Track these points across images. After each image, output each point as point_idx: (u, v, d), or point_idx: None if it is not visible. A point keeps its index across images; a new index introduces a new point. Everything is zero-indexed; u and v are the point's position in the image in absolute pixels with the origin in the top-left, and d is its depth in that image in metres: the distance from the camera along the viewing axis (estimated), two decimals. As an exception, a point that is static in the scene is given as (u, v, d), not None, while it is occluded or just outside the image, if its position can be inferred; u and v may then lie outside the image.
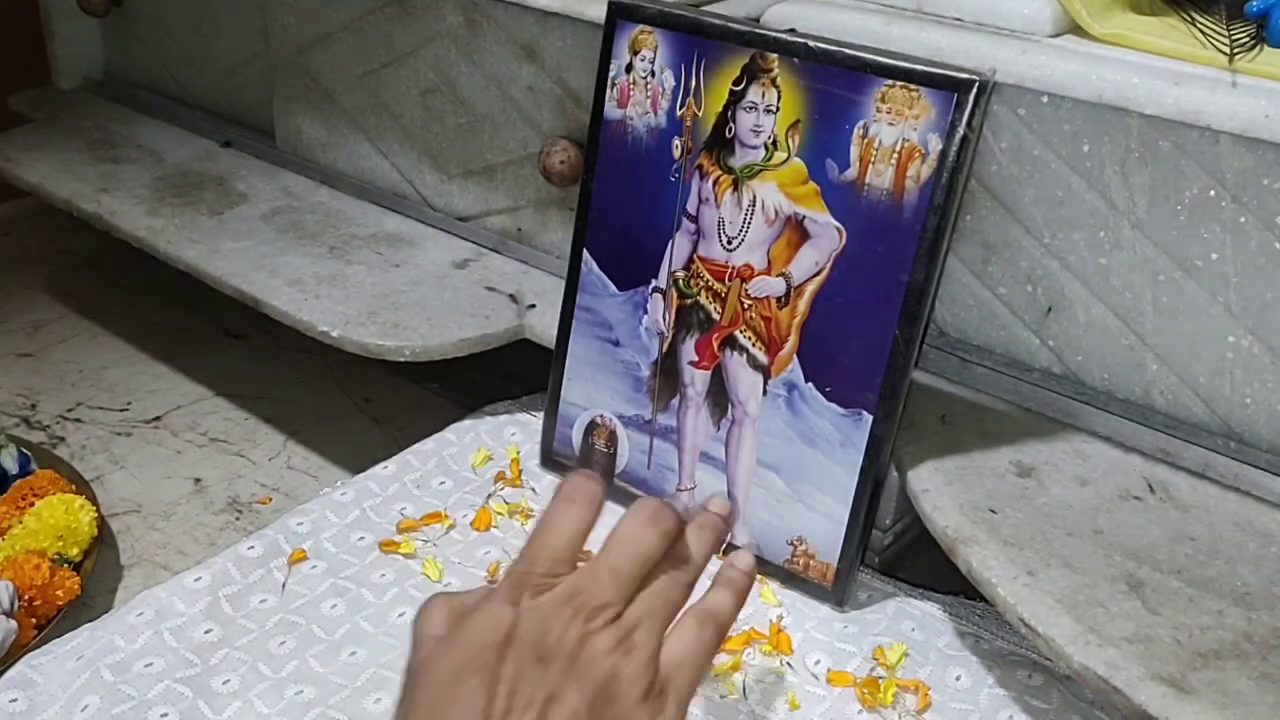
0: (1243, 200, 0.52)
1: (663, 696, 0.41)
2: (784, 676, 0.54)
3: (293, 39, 0.86)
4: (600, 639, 0.41)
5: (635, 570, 0.43)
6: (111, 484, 0.74)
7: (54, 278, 0.99)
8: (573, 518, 0.45)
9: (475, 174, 0.79)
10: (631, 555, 0.44)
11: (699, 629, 0.44)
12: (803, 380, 0.57)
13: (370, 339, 0.69)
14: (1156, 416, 0.58)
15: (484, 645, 0.40)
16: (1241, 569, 0.51)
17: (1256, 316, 0.54)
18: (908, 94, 0.52)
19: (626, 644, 0.41)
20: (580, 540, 0.45)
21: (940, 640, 0.56)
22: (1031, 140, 0.56)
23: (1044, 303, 0.60)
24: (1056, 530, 0.53)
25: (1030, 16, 0.56)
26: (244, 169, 0.92)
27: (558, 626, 0.41)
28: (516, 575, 0.43)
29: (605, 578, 0.43)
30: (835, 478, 0.56)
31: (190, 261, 0.78)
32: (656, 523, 0.44)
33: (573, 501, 0.45)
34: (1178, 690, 0.45)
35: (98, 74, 1.08)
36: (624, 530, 0.44)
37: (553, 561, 0.43)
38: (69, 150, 0.94)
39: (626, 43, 0.59)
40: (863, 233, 0.53)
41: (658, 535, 0.44)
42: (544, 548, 0.44)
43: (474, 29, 0.74)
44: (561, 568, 0.43)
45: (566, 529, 0.44)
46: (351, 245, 0.80)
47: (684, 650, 0.43)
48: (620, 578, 0.43)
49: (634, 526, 0.45)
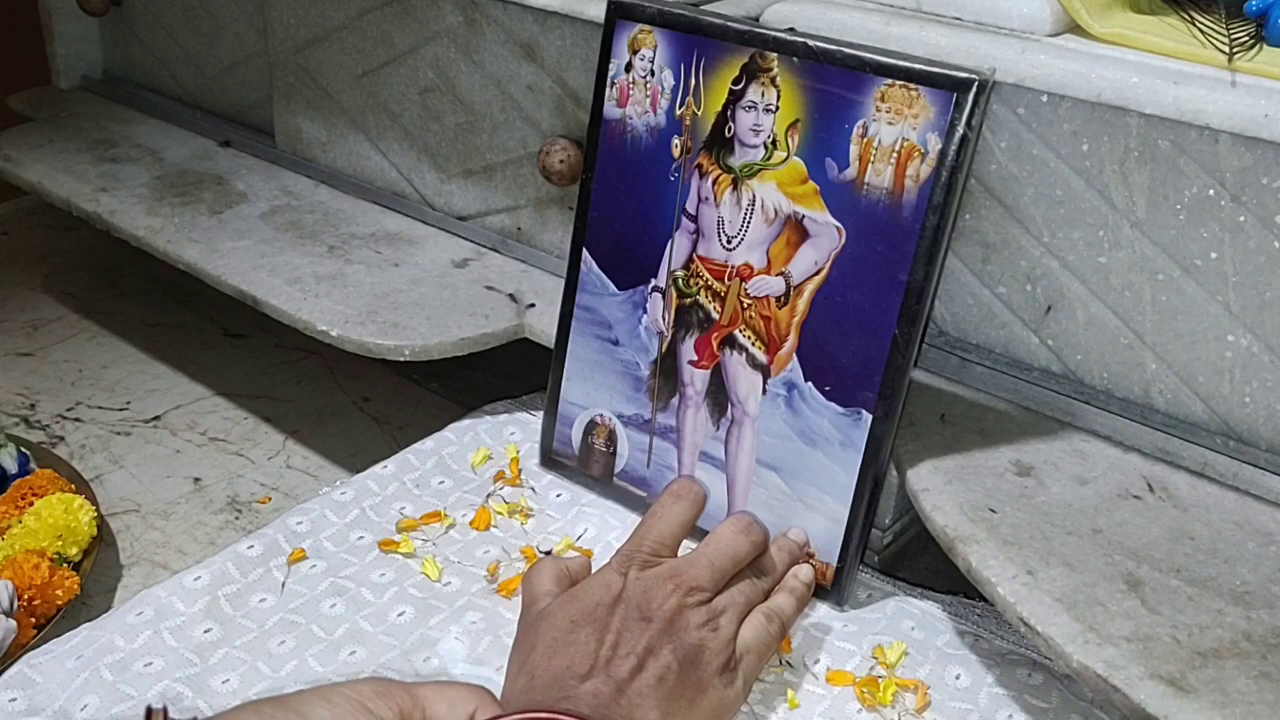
0: (1242, 199, 0.52)
1: (734, 671, 0.49)
2: (783, 676, 0.54)
3: (292, 38, 0.86)
4: (693, 614, 0.49)
5: (727, 567, 0.52)
6: (111, 483, 0.74)
7: (53, 277, 0.99)
8: (678, 511, 0.54)
9: (475, 173, 0.79)
10: (726, 554, 0.52)
11: (767, 623, 0.52)
12: (802, 379, 0.57)
13: (370, 338, 0.69)
14: (1156, 415, 0.58)
15: (597, 603, 0.49)
16: (1241, 568, 0.51)
17: (1255, 316, 0.54)
18: (907, 93, 0.52)
19: (713, 624, 0.49)
20: (683, 531, 0.54)
21: (940, 639, 0.56)
22: (1031, 139, 0.56)
23: (1043, 302, 0.60)
24: (1056, 529, 0.53)
25: (1029, 16, 0.56)
26: (243, 168, 0.92)
27: (659, 595, 0.49)
28: (626, 552, 0.52)
29: (703, 566, 0.51)
30: (834, 477, 0.56)
31: (190, 261, 0.78)
32: (750, 533, 0.54)
33: (679, 498, 0.54)
34: (1177, 689, 0.45)
35: (97, 73, 1.08)
36: (722, 533, 0.54)
37: (657, 545, 0.52)
38: (68, 150, 0.94)
39: (626, 42, 0.59)
40: (862, 232, 0.53)
41: (749, 543, 0.53)
42: (651, 532, 0.53)
43: (473, 28, 0.74)
44: (665, 551, 0.52)
45: (672, 520, 0.53)
46: (351, 244, 0.80)
47: (755, 638, 0.51)
48: (715, 569, 0.51)
49: (731, 532, 0.54)
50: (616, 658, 0.47)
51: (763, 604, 0.53)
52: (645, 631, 0.47)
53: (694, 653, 0.48)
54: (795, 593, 0.54)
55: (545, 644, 0.48)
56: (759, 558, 0.54)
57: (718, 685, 0.48)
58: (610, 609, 0.49)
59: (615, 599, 0.49)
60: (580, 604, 0.49)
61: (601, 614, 0.48)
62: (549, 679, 0.46)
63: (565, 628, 0.48)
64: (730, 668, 0.49)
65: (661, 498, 0.55)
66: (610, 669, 0.46)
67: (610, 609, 0.49)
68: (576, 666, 0.46)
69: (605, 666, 0.46)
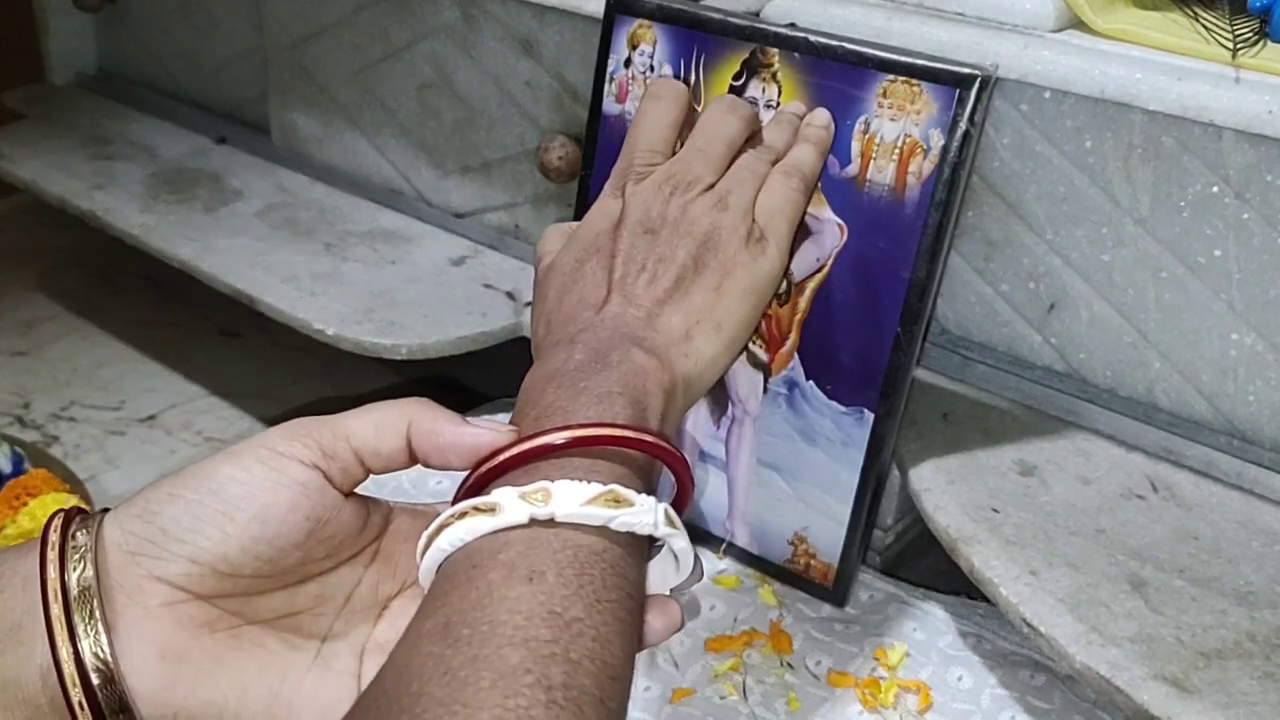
0: (1245, 196, 0.52)
1: (763, 240, 0.46)
2: (784, 677, 0.54)
3: (288, 34, 0.85)
4: (698, 204, 0.45)
5: (722, 150, 0.48)
6: (105, 483, 0.74)
7: (47, 275, 0.98)
8: (662, 111, 0.49)
9: (472, 170, 0.78)
10: (716, 137, 0.48)
11: (785, 179, 0.48)
12: (803, 378, 0.56)
13: (366, 337, 0.69)
14: (1159, 415, 0.58)
15: (598, 233, 0.46)
16: (1244, 568, 0.51)
17: (1260, 314, 0.53)
18: (909, 89, 0.51)
19: (721, 204, 0.46)
20: (671, 132, 0.49)
21: (942, 640, 0.56)
22: (1034, 136, 0.56)
23: (1046, 300, 0.59)
24: (1059, 529, 0.53)
25: (1033, 11, 0.56)
26: (239, 165, 0.91)
27: (658, 203, 0.45)
28: (618, 171, 0.48)
29: (695, 158, 0.47)
30: (836, 476, 0.56)
31: (184, 259, 0.77)
32: (736, 109, 0.49)
33: (659, 98, 0.50)
34: (1180, 690, 0.44)
35: (91, 70, 1.07)
36: (706, 117, 0.49)
37: (648, 152, 0.48)
38: (62, 147, 0.93)
39: (625, 37, 0.59)
40: (864, 229, 0.53)
41: (738, 119, 0.49)
42: (638, 142, 0.48)
43: (471, 23, 0.73)
44: (657, 158, 0.48)
45: (657, 122, 0.49)
46: (347, 242, 0.80)
47: (775, 200, 0.47)
48: (709, 157, 0.47)
49: (715, 113, 0.49)
50: (629, 276, 0.44)
51: (779, 163, 0.49)
52: (653, 243, 0.44)
53: (707, 238, 0.45)
54: (812, 139, 0.50)
55: (556, 288, 0.45)
56: (754, 137, 0.50)
57: (745, 260, 0.45)
58: (613, 234, 0.45)
59: (616, 223, 0.46)
60: (582, 240, 0.46)
61: (604, 242, 0.45)
62: (564, 317, 0.44)
63: (572, 267, 0.45)
64: (756, 238, 0.46)
65: (641, 103, 0.50)
66: (624, 288, 0.43)
67: (613, 234, 0.45)
68: (589, 297, 0.44)
69: (619, 287, 0.43)
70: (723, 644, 0.55)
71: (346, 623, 0.39)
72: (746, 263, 0.45)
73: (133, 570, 0.35)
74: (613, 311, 0.43)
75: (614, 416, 0.37)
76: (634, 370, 0.40)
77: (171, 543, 0.35)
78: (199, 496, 0.35)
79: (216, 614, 0.36)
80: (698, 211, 0.45)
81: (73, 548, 0.35)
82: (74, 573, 0.34)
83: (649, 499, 0.35)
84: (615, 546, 0.34)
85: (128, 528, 0.35)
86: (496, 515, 0.33)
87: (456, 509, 0.35)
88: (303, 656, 0.38)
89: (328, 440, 0.37)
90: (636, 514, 0.34)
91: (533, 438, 0.36)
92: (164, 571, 0.35)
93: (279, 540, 0.35)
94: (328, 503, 0.36)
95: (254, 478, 0.36)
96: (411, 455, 0.38)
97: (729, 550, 0.61)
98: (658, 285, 0.43)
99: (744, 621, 0.57)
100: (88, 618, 0.34)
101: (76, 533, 0.35)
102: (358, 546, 0.39)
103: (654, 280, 0.43)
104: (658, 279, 0.43)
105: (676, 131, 0.49)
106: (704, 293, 0.44)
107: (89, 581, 0.34)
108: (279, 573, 0.36)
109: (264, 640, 0.37)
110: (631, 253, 0.44)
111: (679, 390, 0.42)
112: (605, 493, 0.34)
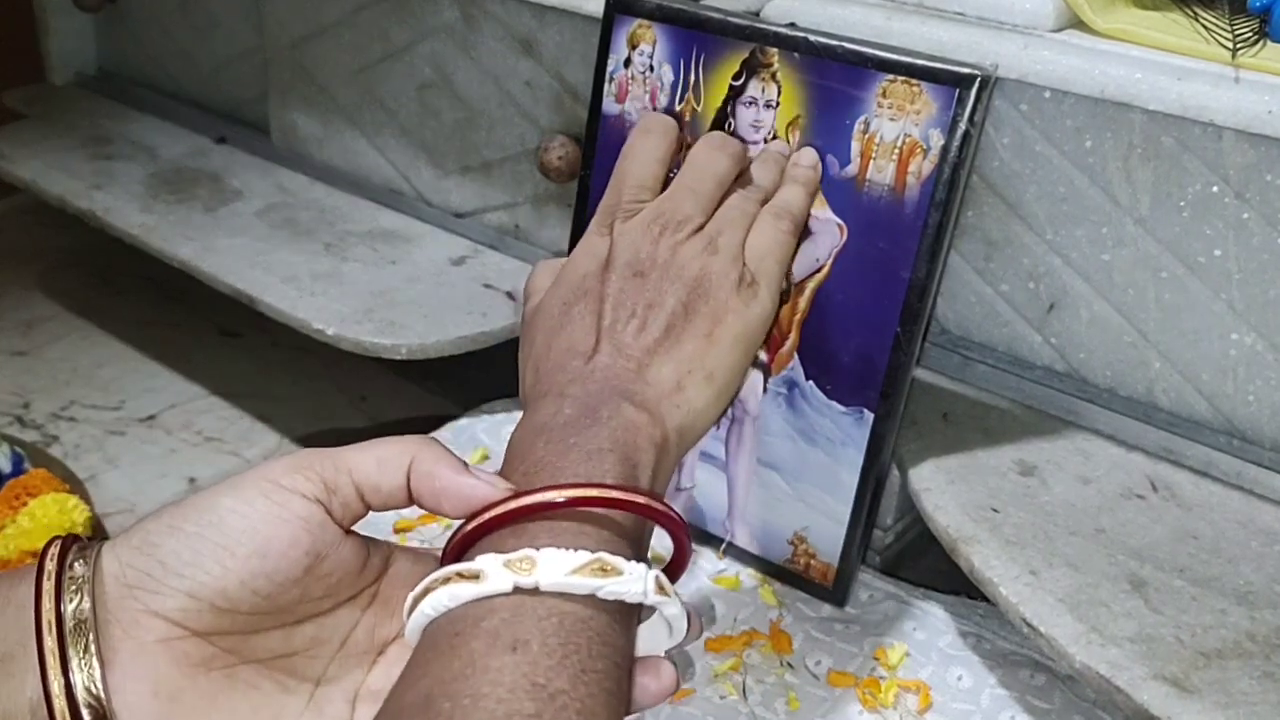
0: (1245, 196, 0.52)
1: (754, 284, 0.45)
2: (784, 677, 0.54)
3: (287, 33, 0.85)
4: (688, 247, 0.45)
5: (711, 189, 0.47)
6: (105, 483, 0.74)
7: (46, 275, 0.98)
8: (650, 146, 0.48)
9: (472, 170, 0.78)
10: (705, 175, 0.47)
11: (775, 221, 0.47)
12: (803, 378, 0.56)
13: (366, 337, 0.69)
14: (1159, 414, 0.58)
15: (585, 274, 0.45)
16: (1244, 568, 0.51)
17: (1260, 314, 0.53)
18: (909, 89, 0.51)
19: (711, 247, 0.45)
20: (661, 168, 0.48)
21: (942, 640, 0.56)
22: (1033, 136, 0.56)
23: (1046, 300, 0.59)
24: (1059, 529, 0.53)
25: (1032, 11, 0.56)
26: (238, 165, 0.91)
27: (646, 244, 0.45)
28: (605, 207, 0.47)
29: (685, 197, 0.46)
30: (836, 476, 0.56)
31: (184, 258, 0.77)
32: (725, 147, 0.48)
33: (649, 132, 0.49)
34: (1180, 690, 0.44)
35: (91, 70, 1.07)
36: (696, 155, 0.48)
37: (637, 188, 0.47)
38: (62, 147, 0.93)
39: (625, 37, 0.59)
40: (864, 229, 0.53)
41: (727, 157, 0.48)
42: (627, 177, 0.47)
43: (471, 23, 0.73)
44: (645, 194, 0.47)
45: (646, 157, 0.48)
46: (347, 242, 0.80)
47: (766, 241, 0.47)
48: (699, 195, 0.46)
49: (704, 151, 0.48)
50: (618, 322, 0.43)
51: (768, 205, 0.48)
52: (642, 287, 0.43)
53: (698, 283, 0.44)
54: (801, 180, 0.50)
55: (544, 332, 0.44)
56: (742, 175, 0.49)
57: (737, 306, 0.44)
58: (601, 276, 0.44)
59: (604, 264, 0.45)
60: (569, 282, 0.45)
61: (593, 284, 0.44)
62: (552, 365, 0.43)
63: (560, 310, 0.44)
64: (747, 282, 0.45)
65: (630, 137, 0.49)
66: (614, 336, 0.42)
67: (601, 276, 0.44)
68: (578, 345, 0.43)
69: (608, 335, 0.42)
70: (722, 644, 0.55)
71: (341, 666, 0.38)
72: (738, 309, 0.44)
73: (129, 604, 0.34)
74: (602, 362, 0.42)
75: (604, 475, 0.37)
76: (625, 426, 0.39)
77: (170, 576, 0.34)
78: (199, 529, 0.35)
79: (212, 652, 0.35)
80: (688, 254, 0.44)
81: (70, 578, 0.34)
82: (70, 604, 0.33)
83: (638, 567, 0.34)
84: (602, 614, 0.33)
85: (126, 560, 0.34)
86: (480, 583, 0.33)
87: (441, 574, 0.34)
88: (296, 700, 0.37)
89: (330, 474, 0.36)
90: (624, 583, 0.34)
91: (524, 495, 0.35)
92: (161, 606, 0.34)
93: (279, 575, 0.35)
94: (328, 538, 0.36)
95: (256, 511, 0.35)
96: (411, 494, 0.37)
97: (729, 550, 0.61)
98: (648, 334, 0.43)
99: (744, 621, 0.57)
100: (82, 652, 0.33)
101: (74, 562, 0.34)
102: (356, 588, 0.38)
103: (644, 328, 0.43)
104: (648, 326, 0.43)
105: (666, 167, 0.49)
106: (695, 341, 0.43)
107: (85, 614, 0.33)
108: (276, 610, 0.36)
109: (258, 682, 0.36)
110: (620, 297, 0.43)
111: (671, 444, 0.41)
112: (592, 561, 0.33)
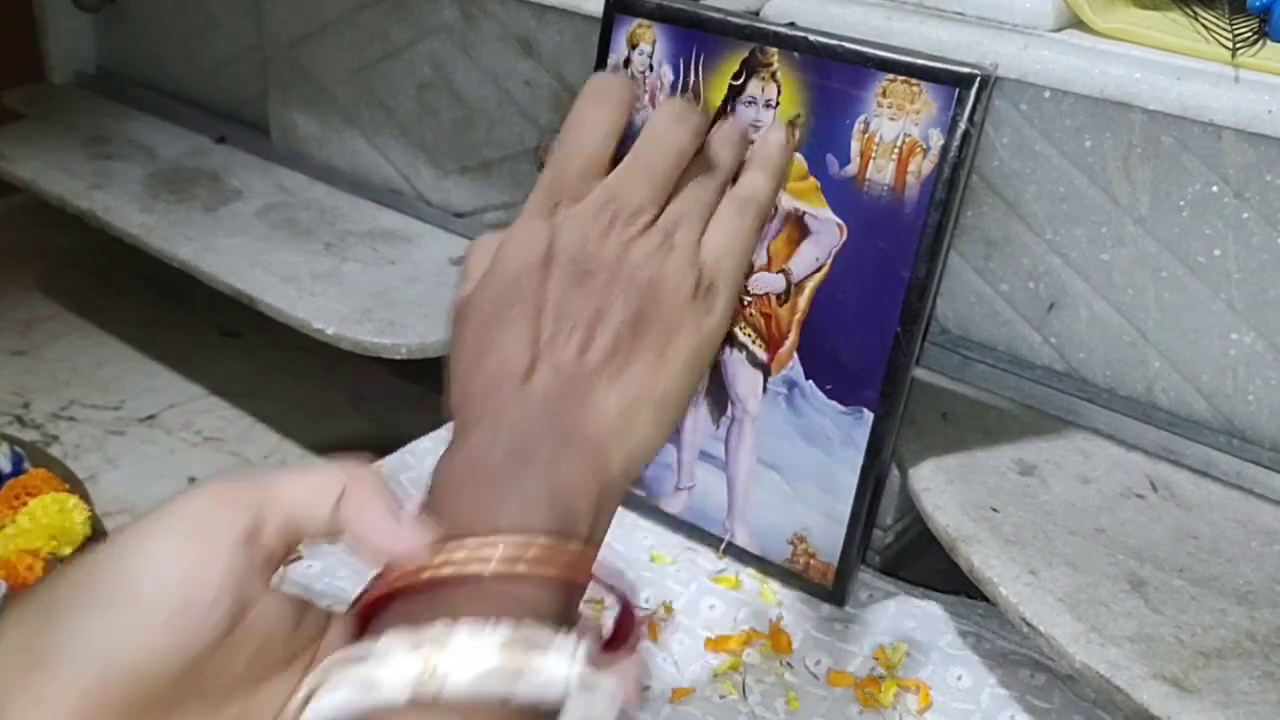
0: (1245, 196, 0.52)
1: (710, 292, 0.40)
2: (784, 676, 0.54)
3: (287, 33, 0.85)
4: (640, 246, 0.39)
5: (669, 168, 0.41)
6: (105, 483, 0.74)
7: (46, 275, 0.98)
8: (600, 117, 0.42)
9: (471, 169, 0.78)
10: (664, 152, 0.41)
11: (738, 216, 0.42)
12: (803, 378, 0.56)
13: (366, 336, 0.69)
14: (1159, 414, 0.58)
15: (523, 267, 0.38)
16: (1244, 567, 0.51)
17: (1259, 313, 0.53)
18: (909, 89, 0.51)
19: (666, 246, 0.39)
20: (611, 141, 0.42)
21: (941, 640, 0.56)
22: (1033, 135, 0.56)
23: (1046, 299, 0.59)
24: (1058, 529, 0.53)
25: (1032, 11, 0.56)
26: (238, 165, 0.91)
27: (595, 237, 0.39)
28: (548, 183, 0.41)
29: (640, 180, 0.40)
30: (836, 476, 0.56)
31: (184, 258, 0.77)
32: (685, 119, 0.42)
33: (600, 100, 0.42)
34: (1180, 689, 0.44)
35: (91, 69, 1.07)
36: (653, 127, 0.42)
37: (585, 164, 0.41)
38: (62, 146, 0.93)
39: (624, 37, 0.59)
40: (864, 229, 0.53)
41: (688, 130, 0.42)
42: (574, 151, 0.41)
43: (470, 23, 0.73)
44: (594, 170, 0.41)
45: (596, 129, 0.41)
46: (347, 242, 0.80)
47: (725, 240, 0.41)
48: (655, 177, 0.41)
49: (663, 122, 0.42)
50: (559, 336, 0.37)
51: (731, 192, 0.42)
52: (588, 293, 0.38)
53: (651, 292, 0.38)
54: (767, 165, 0.43)
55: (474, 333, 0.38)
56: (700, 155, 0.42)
57: (691, 319, 0.39)
58: (541, 273, 0.38)
59: (544, 258, 0.38)
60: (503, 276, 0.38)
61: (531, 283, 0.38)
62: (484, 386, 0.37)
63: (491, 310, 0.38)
64: (704, 290, 0.39)
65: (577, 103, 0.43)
66: (554, 353, 0.37)
67: (541, 273, 0.38)
68: (512, 362, 0.37)
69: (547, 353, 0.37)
70: (722, 643, 0.55)
71: None
72: (691, 325, 0.39)
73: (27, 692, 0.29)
74: (540, 385, 0.37)
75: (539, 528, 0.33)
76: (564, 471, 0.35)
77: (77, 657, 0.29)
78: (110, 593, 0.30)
79: None
80: (640, 255, 0.39)
81: None
82: None
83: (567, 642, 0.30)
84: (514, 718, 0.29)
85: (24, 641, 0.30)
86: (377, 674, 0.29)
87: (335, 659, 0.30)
88: None
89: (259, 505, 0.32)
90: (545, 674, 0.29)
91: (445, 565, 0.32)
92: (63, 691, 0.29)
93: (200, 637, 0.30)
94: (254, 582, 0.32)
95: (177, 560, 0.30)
96: None
97: (729, 550, 0.61)
98: (592, 354, 0.37)
99: (743, 621, 0.57)
100: None
101: None
102: (287, 653, 0.33)
103: (587, 347, 0.37)
104: (592, 344, 0.37)
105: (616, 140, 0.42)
106: (644, 363, 0.38)
107: None
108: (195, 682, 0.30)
109: None
110: (563, 305, 0.38)
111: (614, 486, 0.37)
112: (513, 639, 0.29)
